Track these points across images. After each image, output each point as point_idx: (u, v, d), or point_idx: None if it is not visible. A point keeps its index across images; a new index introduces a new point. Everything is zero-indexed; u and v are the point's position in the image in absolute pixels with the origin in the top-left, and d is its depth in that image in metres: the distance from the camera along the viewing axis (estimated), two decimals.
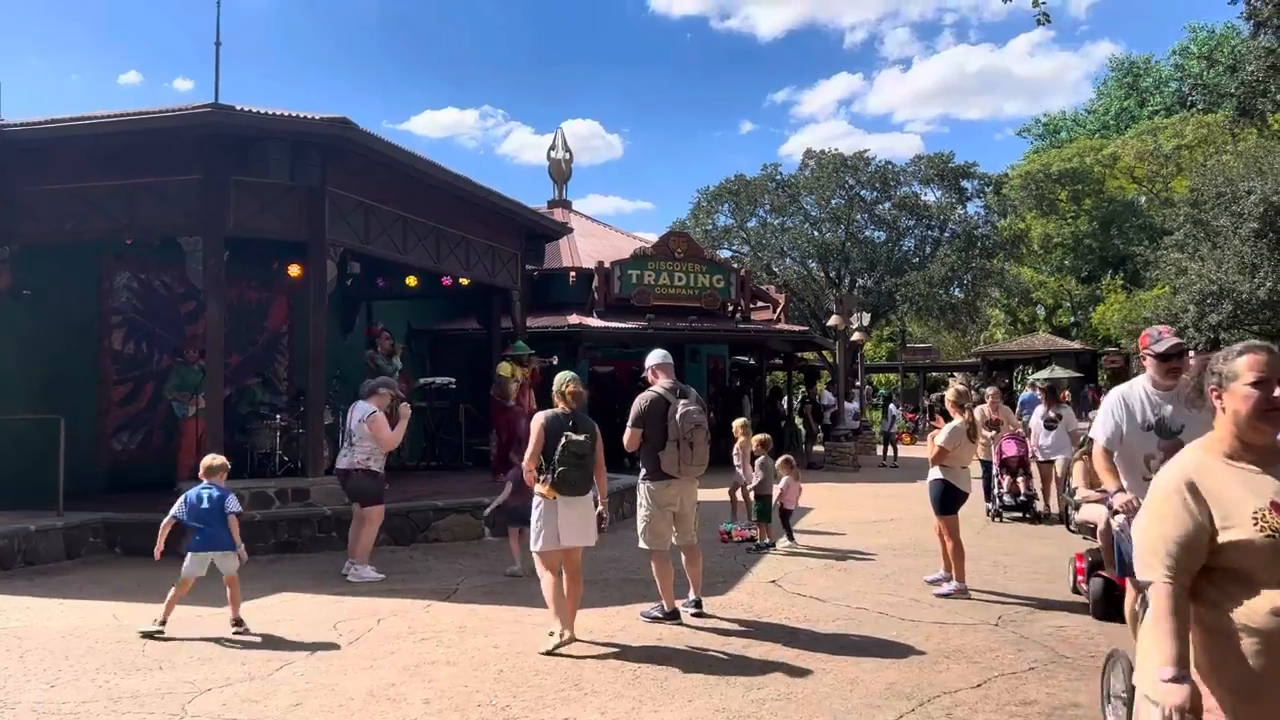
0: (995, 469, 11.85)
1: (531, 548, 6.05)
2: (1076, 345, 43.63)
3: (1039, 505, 11.77)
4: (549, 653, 5.72)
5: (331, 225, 10.16)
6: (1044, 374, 40.94)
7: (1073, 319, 51.00)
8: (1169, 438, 4.54)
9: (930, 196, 39.88)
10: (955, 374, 45.11)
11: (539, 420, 5.99)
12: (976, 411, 11.05)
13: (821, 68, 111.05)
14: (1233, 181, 28.61)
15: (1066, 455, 11.63)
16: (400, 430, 8.53)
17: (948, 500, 7.51)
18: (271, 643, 6.05)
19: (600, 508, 6.19)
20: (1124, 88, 59.66)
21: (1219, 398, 2.47)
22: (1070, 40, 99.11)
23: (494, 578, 8.11)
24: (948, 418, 7.78)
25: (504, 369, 12.09)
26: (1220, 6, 77.69)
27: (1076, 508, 6.63)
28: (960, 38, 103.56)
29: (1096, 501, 5.87)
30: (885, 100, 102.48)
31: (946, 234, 39.21)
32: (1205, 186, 30.54)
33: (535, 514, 5.99)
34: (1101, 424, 4.80)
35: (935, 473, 7.58)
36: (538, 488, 5.92)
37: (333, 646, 5.97)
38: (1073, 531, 7.29)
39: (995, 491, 11.78)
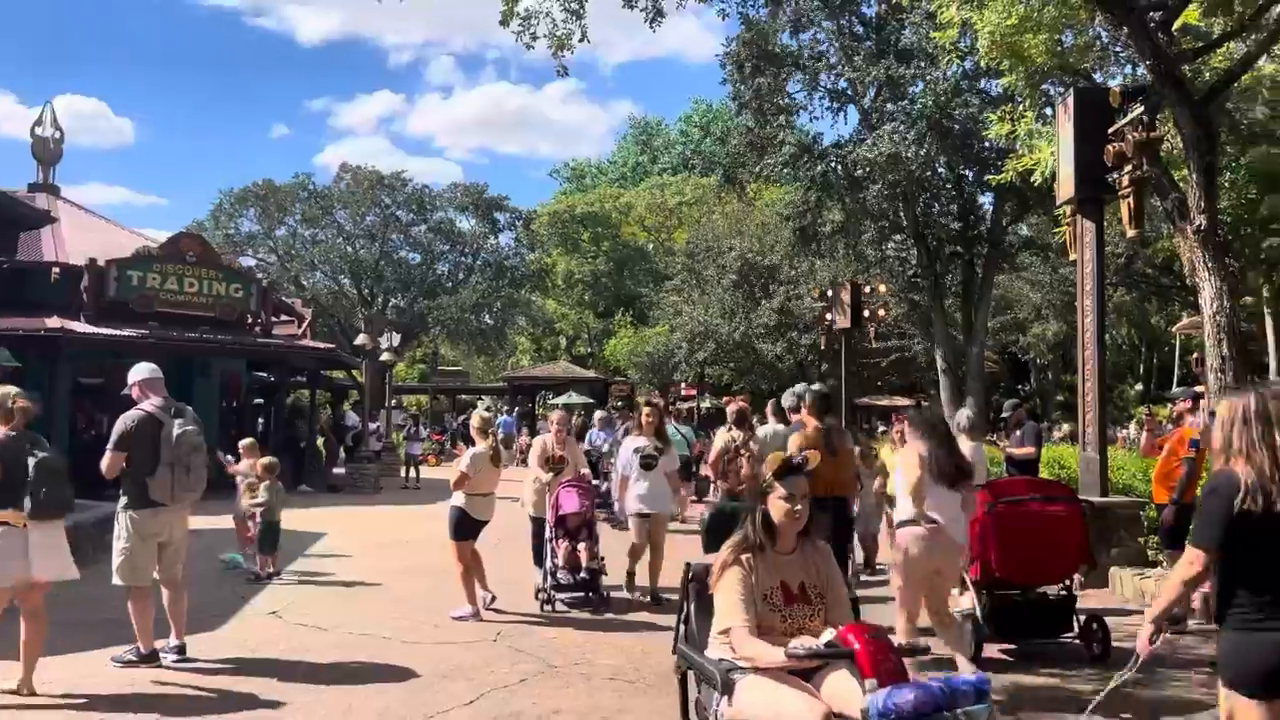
0: (549, 530, 8.05)
1: None
2: (592, 374, 47.53)
3: (606, 581, 8.00)
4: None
5: None
6: (562, 399, 44.06)
7: (589, 350, 55.53)
8: None
9: (465, 224, 41.08)
10: (484, 397, 46.82)
11: None
12: (537, 444, 9.00)
13: (362, 82, 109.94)
14: (719, 238, 33.41)
15: (670, 510, 8.35)
16: None
17: (462, 527, 7.62)
18: None
19: None
20: (640, 144, 66.75)
21: None
22: (599, 94, 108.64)
23: None
24: (470, 444, 7.86)
25: None
26: (716, 85, 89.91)
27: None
28: (502, 75, 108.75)
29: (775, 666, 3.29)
30: (426, 123, 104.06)
31: (479, 262, 40.64)
32: (698, 240, 35.29)
33: None
34: None
35: (456, 499, 7.65)
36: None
37: None
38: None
39: (548, 566, 7.97)
